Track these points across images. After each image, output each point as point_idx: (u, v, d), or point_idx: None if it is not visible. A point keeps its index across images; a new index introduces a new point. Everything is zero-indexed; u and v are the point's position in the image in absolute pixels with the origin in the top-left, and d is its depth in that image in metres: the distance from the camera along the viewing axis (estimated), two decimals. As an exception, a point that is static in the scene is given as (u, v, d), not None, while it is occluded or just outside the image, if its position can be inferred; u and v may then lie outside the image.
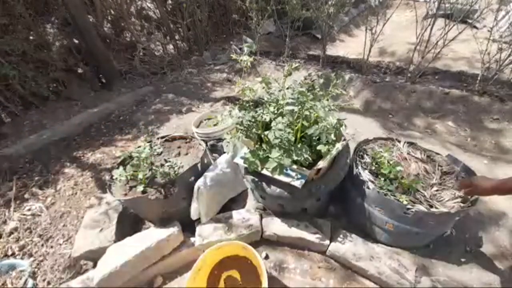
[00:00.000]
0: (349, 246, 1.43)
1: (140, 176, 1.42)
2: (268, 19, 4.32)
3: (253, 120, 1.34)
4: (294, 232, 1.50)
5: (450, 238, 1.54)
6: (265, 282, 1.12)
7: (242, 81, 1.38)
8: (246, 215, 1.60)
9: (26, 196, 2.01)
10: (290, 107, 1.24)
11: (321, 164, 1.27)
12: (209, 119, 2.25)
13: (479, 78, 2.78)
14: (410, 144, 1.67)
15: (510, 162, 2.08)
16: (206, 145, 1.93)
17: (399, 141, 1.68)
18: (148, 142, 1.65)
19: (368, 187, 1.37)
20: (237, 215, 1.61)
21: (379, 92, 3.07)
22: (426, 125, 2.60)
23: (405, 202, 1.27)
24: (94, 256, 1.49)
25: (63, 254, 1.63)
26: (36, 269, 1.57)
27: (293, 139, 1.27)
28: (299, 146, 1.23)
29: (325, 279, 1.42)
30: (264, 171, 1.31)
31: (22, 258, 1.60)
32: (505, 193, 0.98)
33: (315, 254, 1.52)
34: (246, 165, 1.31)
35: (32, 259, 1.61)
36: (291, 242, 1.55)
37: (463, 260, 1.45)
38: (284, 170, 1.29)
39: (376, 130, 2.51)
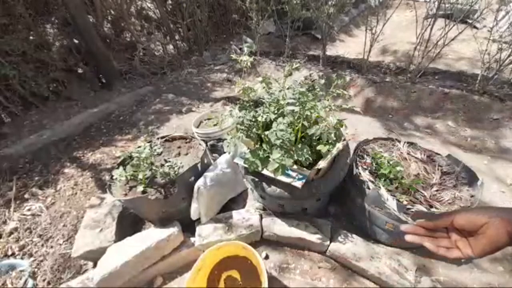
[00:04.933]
0: (349, 246, 1.43)
1: (140, 176, 1.41)
2: (268, 19, 4.32)
3: (253, 120, 1.34)
4: (294, 232, 1.50)
5: (450, 238, 1.54)
6: (265, 282, 1.12)
7: (242, 81, 1.38)
8: (246, 215, 1.60)
9: (26, 196, 2.01)
10: (291, 107, 1.24)
11: (321, 164, 1.27)
12: (209, 119, 2.25)
13: (479, 78, 2.78)
14: (410, 144, 1.67)
15: (510, 162, 2.08)
16: (206, 145, 1.93)
17: (399, 141, 1.68)
18: (148, 142, 1.65)
19: (368, 187, 1.37)
20: (237, 215, 1.61)
21: (379, 92, 3.07)
22: (426, 125, 2.60)
23: (405, 202, 1.27)
24: (94, 256, 1.49)
25: (63, 254, 1.63)
26: (36, 269, 1.57)
27: (293, 139, 1.27)
28: (299, 146, 1.23)
29: (325, 279, 1.42)
30: (264, 171, 1.31)
31: (22, 258, 1.60)
32: None
33: (315, 254, 1.52)
34: (246, 165, 1.31)
35: (32, 259, 1.61)
36: (291, 242, 1.55)
37: (463, 260, 1.45)
38: (285, 171, 1.29)
39: (376, 130, 2.51)
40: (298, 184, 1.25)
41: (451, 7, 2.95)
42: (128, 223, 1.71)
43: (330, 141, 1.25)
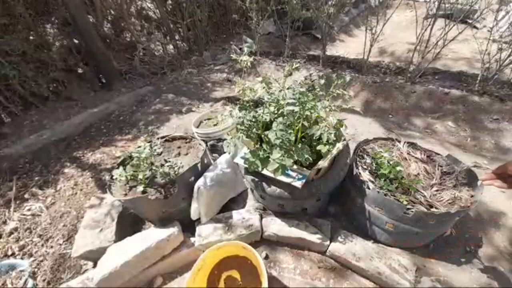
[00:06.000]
0: (349, 246, 1.43)
1: (140, 176, 1.42)
2: (268, 19, 4.32)
3: (253, 120, 1.34)
4: (294, 232, 1.50)
5: (450, 238, 1.54)
6: (265, 282, 1.12)
7: (242, 81, 1.38)
8: (246, 215, 1.60)
9: (26, 196, 2.01)
10: (291, 107, 1.24)
11: (321, 164, 1.27)
12: (209, 119, 2.25)
13: (479, 78, 2.78)
14: (410, 144, 1.67)
15: (510, 162, 2.08)
16: (206, 145, 1.93)
17: (399, 141, 1.68)
18: (148, 142, 1.65)
19: (368, 187, 1.37)
20: (237, 215, 1.61)
21: (379, 92, 3.07)
22: (426, 125, 2.60)
23: (405, 202, 1.27)
24: (94, 256, 1.49)
25: (63, 254, 1.63)
26: (36, 269, 1.57)
27: (293, 139, 1.27)
28: (299, 146, 1.23)
29: (325, 279, 1.42)
30: (264, 171, 1.31)
31: (22, 258, 1.60)
32: None
33: (315, 254, 1.52)
34: (246, 165, 1.31)
35: (32, 259, 1.61)
36: (291, 242, 1.55)
37: (463, 260, 1.45)
38: (285, 171, 1.29)
39: (376, 130, 2.51)
40: (298, 184, 1.25)
41: (451, 7, 2.95)
42: (128, 223, 1.71)
43: (330, 141, 1.25)
